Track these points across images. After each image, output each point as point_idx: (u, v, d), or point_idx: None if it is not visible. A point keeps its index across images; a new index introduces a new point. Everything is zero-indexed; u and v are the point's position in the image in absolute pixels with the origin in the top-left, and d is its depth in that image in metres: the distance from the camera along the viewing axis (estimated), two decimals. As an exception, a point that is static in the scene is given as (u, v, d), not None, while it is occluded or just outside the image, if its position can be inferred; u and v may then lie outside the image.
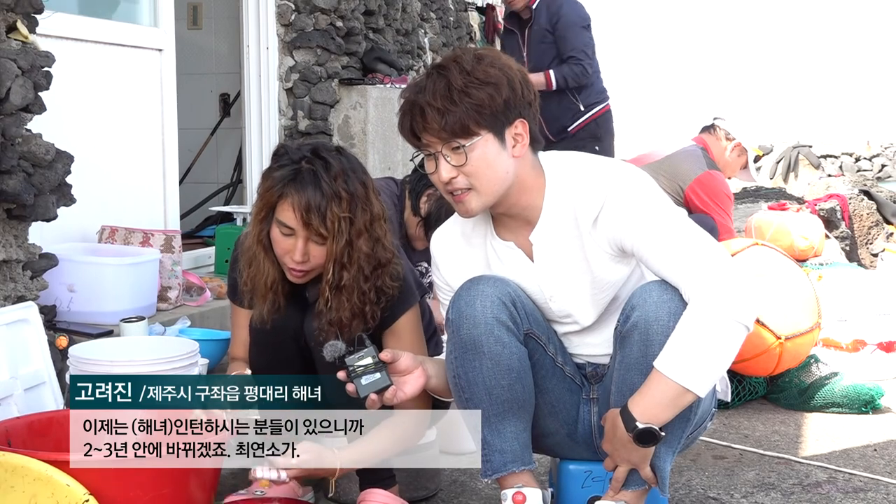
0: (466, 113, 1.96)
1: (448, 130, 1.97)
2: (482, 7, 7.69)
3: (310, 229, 2.19)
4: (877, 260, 6.52)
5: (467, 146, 1.98)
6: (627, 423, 1.96)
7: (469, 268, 2.19)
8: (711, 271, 1.95)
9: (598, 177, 2.05)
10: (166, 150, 4.04)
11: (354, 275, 2.21)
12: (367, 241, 2.22)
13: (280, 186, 2.21)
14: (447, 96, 1.96)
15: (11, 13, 2.76)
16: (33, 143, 2.77)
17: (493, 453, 2.09)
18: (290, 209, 2.20)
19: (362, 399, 2.04)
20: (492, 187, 2.02)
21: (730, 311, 1.93)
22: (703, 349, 1.93)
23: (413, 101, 2.00)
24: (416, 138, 2.03)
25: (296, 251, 2.22)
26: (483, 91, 1.97)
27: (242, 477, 2.61)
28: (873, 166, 17.65)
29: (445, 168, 2.00)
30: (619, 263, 2.09)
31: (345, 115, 5.04)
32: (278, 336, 2.33)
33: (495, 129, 1.99)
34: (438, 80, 1.98)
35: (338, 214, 2.18)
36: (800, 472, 2.80)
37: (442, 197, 3.15)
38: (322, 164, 2.20)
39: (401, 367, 2.07)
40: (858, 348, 3.85)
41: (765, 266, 3.52)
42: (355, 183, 2.22)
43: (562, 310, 2.15)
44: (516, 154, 2.03)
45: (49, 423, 2.28)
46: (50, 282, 2.97)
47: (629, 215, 2.01)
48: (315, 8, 4.92)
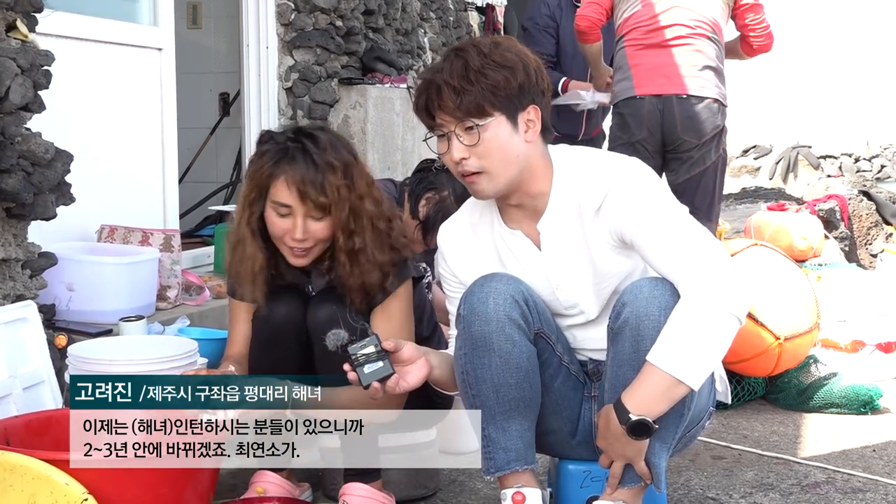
0: (482, 93, 2.00)
1: (463, 109, 2.01)
2: (482, 7, 7.69)
3: (307, 203, 2.19)
4: (876, 260, 6.52)
5: (481, 126, 2.02)
6: (621, 416, 1.97)
7: (476, 258, 2.21)
8: (706, 264, 1.97)
9: (604, 168, 2.09)
10: (166, 150, 4.04)
11: (369, 237, 2.23)
12: (371, 202, 2.23)
13: (271, 166, 2.21)
14: (464, 76, 2.01)
15: (11, 12, 2.76)
16: (33, 142, 2.76)
17: (496, 451, 2.10)
18: (285, 186, 2.19)
19: (365, 388, 2.04)
20: (503, 169, 2.05)
21: (722, 303, 1.94)
22: (696, 341, 1.94)
23: (430, 79, 2.05)
24: (431, 117, 2.07)
25: (296, 229, 2.22)
26: (499, 73, 2.01)
27: (242, 477, 2.61)
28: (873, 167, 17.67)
29: (457, 148, 2.04)
30: (620, 255, 2.10)
31: (344, 115, 5.04)
32: (280, 330, 2.33)
33: (509, 111, 2.03)
34: (456, 61, 2.03)
35: (335, 183, 2.19)
36: (798, 472, 2.80)
37: (441, 201, 3.17)
38: (309, 138, 2.21)
39: (403, 357, 2.07)
40: (857, 349, 3.86)
41: (764, 266, 3.53)
42: (344, 153, 2.24)
43: (568, 299, 2.16)
44: (528, 139, 2.07)
45: (48, 422, 2.28)
46: (49, 281, 2.97)
47: (630, 206, 2.03)
48: (315, 7, 4.92)
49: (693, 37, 3.93)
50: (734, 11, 4.04)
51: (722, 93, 3.98)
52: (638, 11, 3.98)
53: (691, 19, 3.93)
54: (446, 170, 3.23)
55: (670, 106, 3.91)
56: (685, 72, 3.93)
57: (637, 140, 3.96)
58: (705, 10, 3.95)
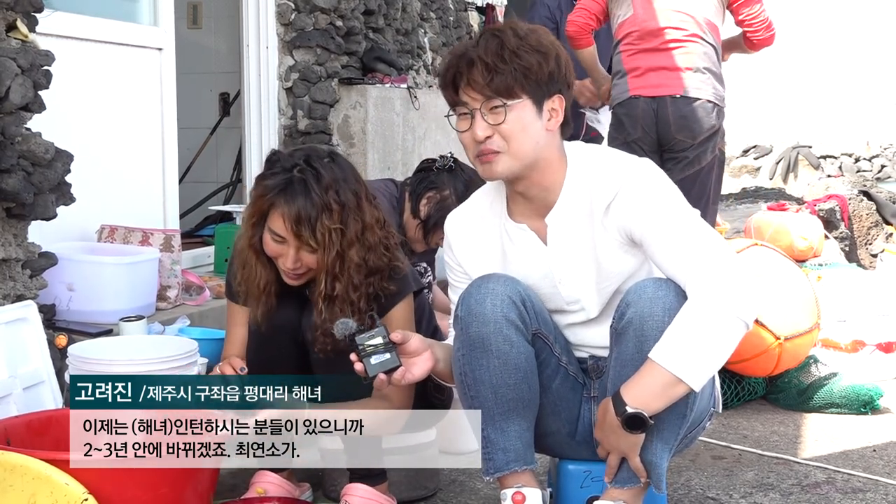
0: (513, 74, 2.02)
1: (492, 88, 2.02)
2: (482, 7, 7.69)
3: (301, 239, 2.21)
4: (876, 260, 6.52)
5: (508, 106, 2.03)
6: (617, 408, 1.97)
7: (482, 249, 2.21)
8: (716, 266, 1.96)
9: (617, 166, 2.10)
10: (166, 149, 4.04)
11: (346, 284, 2.24)
12: (359, 251, 2.24)
13: (271, 196, 2.23)
14: (499, 54, 2.02)
15: (11, 12, 2.76)
16: (33, 142, 2.76)
17: (496, 452, 2.10)
18: (281, 219, 2.21)
19: (371, 379, 2.03)
20: (522, 151, 2.06)
21: (731, 307, 1.93)
22: (700, 341, 1.93)
23: (463, 53, 2.06)
24: (455, 93, 2.07)
25: (287, 259, 2.24)
26: (533, 56, 2.04)
27: (242, 477, 2.61)
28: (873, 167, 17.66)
29: (481, 126, 2.04)
30: (626, 254, 2.10)
31: (344, 115, 5.04)
32: (276, 333, 2.34)
33: (536, 96, 2.05)
34: (492, 39, 2.05)
35: (328, 226, 2.20)
36: (799, 472, 2.80)
37: (442, 200, 3.17)
38: (313, 174, 2.21)
39: (410, 349, 2.07)
40: (857, 349, 3.85)
41: (764, 266, 3.53)
42: (346, 193, 2.23)
43: (570, 295, 2.16)
44: (549, 128, 2.09)
45: (48, 422, 2.28)
46: (49, 281, 2.97)
47: (641, 205, 2.04)
48: (315, 7, 4.91)
49: (686, 39, 3.93)
50: (729, 7, 4.04)
51: (718, 94, 3.99)
52: (631, 16, 3.99)
53: (684, 21, 3.94)
54: (447, 169, 3.25)
55: (664, 106, 3.92)
56: (680, 73, 3.94)
57: (633, 140, 3.97)
58: (698, 11, 3.95)
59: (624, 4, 4.03)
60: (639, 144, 3.96)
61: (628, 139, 3.98)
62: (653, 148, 3.98)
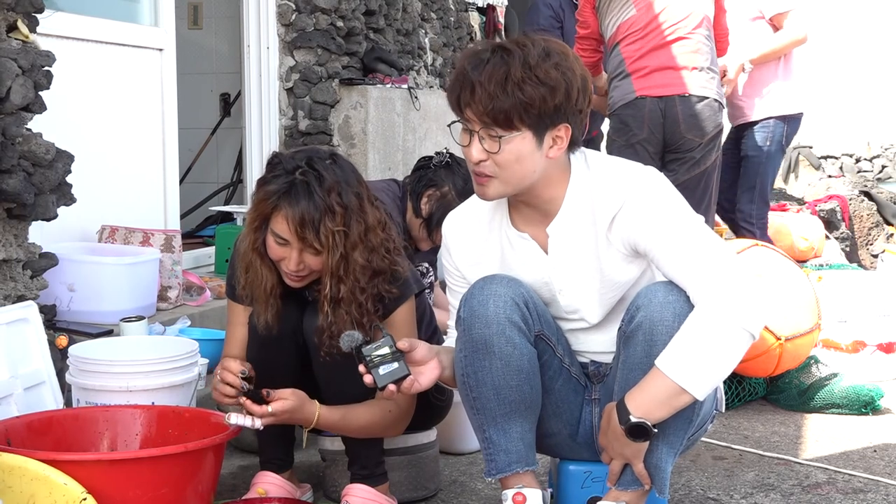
0: (514, 107, 1.95)
1: (491, 117, 1.96)
2: (483, 7, 7.69)
3: (304, 242, 2.20)
4: (877, 261, 6.52)
5: (504, 138, 1.98)
6: (621, 416, 1.97)
7: (481, 254, 2.20)
8: (723, 276, 1.95)
9: (621, 177, 2.06)
10: (166, 150, 4.04)
11: (351, 286, 2.23)
12: (363, 253, 2.23)
13: (274, 199, 2.22)
14: (501, 84, 1.94)
15: (12, 12, 2.76)
16: (33, 143, 2.76)
17: (497, 453, 2.10)
18: (284, 222, 2.21)
19: (380, 389, 2.02)
20: (515, 181, 2.02)
21: (737, 318, 1.93)
22: (706, 352, 1.93)
23: (467, 75, 1.98)
24: (459, 108, 2.02)
25: (290, 261, 2.24)
26: (538, 90, 1.95)
27: (243, 477, 2.61)
28: (874, 167, 17.63)
29: (477, 149, 2.00)
30: (630, 264, 2.09)
31: (345, 115, 5.04)
32: (277, 334, 2.34)
33: (537, 129, 1.98)
34: (498, 65, 1.96)
35: (332, 229, 2.19)
36: (799, 472, 2.80)
37: (442, 196, 3.16)
38: (315, 176, 2.20)
39: (417, 357, 2.07)
40: (858, 349, 3.85)
41: (765, 267, 3.52)
42: (349, 195, 2.23)
43: (569, 305, 2.15)
44: (551, 155, 2.03)
45: (49, 423, 2.28)
46: (50, 281, 2.97)
47: (647, 217, 2.01)
48: (316, 8, 4.91)
49: (691, 34, 3.95)
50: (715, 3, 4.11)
51: (720, 92, 4.00)
52: (633, 16, 3.99)
53: (687, 17, 3.95)
54: (445, 165, 3.25)
55: (672, 105, 3.91)
56: (686, 72, 3.94)
57: (637, 141, 3.96)
58: (698, 7, 3.97)
59: (622, 6, 4.03)
60: (643, 145, 3.96)
61: (632, 140, 3.97)
62: (657, 149, 3.97)
